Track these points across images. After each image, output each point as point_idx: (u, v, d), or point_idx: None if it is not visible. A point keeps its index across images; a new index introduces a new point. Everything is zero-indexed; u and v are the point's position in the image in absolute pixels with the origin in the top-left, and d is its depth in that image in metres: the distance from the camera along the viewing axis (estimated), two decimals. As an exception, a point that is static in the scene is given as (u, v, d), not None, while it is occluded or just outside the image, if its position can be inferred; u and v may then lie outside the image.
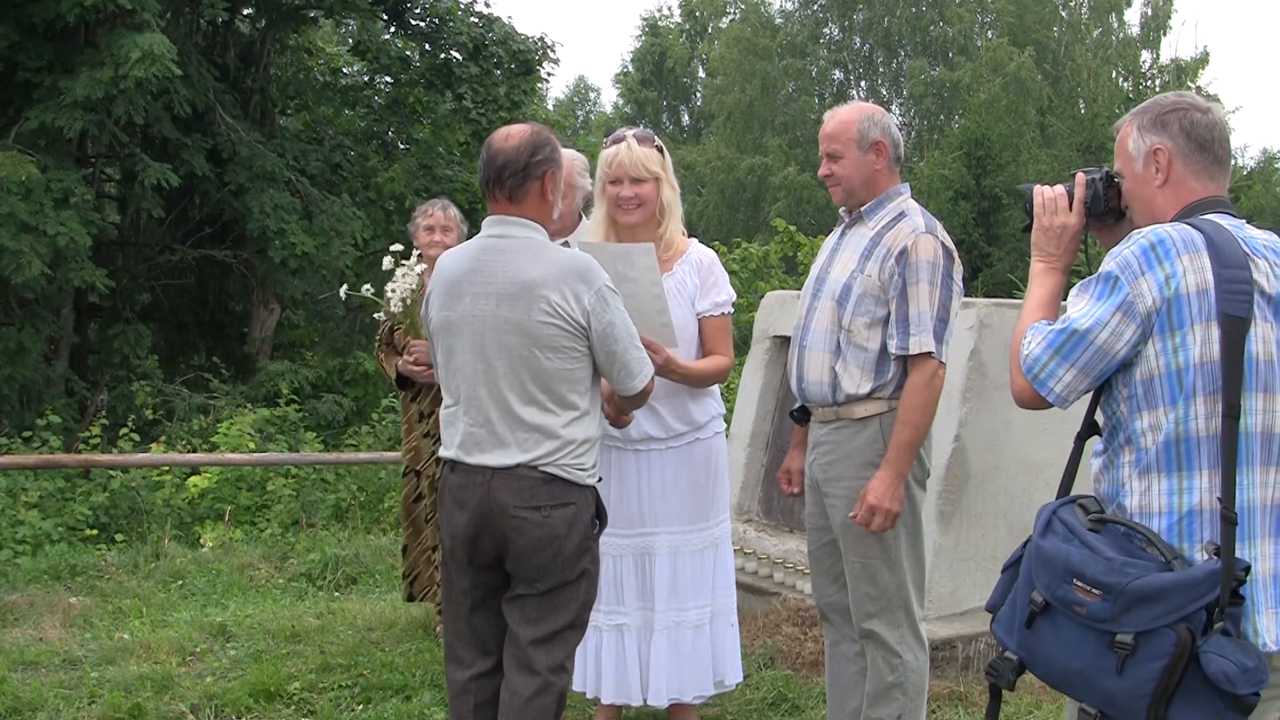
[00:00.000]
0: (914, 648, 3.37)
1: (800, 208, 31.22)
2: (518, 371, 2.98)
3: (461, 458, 3.04)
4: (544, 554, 3.00)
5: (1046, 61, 32.97)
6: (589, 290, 2.99)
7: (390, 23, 16.99)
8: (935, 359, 3.26)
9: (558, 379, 3.00)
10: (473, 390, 3.02)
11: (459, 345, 3.04)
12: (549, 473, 2.99)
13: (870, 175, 3.37)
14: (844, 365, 3.33)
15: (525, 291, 2.97)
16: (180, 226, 15.67)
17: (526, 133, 3.11)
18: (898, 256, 3.26)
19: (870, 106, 3.44)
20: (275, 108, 17.09)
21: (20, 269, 11.37)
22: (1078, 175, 2.40)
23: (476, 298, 3.01)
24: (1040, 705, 4.30)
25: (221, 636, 5.14)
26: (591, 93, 50.70)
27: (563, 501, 3.01)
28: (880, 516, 3.24)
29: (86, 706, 4.24)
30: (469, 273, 3.05)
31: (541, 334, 2.96)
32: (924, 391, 3.27)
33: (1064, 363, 2.20)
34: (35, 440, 10.00)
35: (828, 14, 37.48)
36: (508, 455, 2.99)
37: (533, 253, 3.02)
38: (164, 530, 7.78)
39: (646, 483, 3.76)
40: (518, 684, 3.06)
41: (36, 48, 12.70)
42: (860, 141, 3.35)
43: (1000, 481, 4.70)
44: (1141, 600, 2.01)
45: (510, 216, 3.07)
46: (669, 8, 46.78)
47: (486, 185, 3.09)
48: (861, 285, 3.30)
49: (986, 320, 4.64)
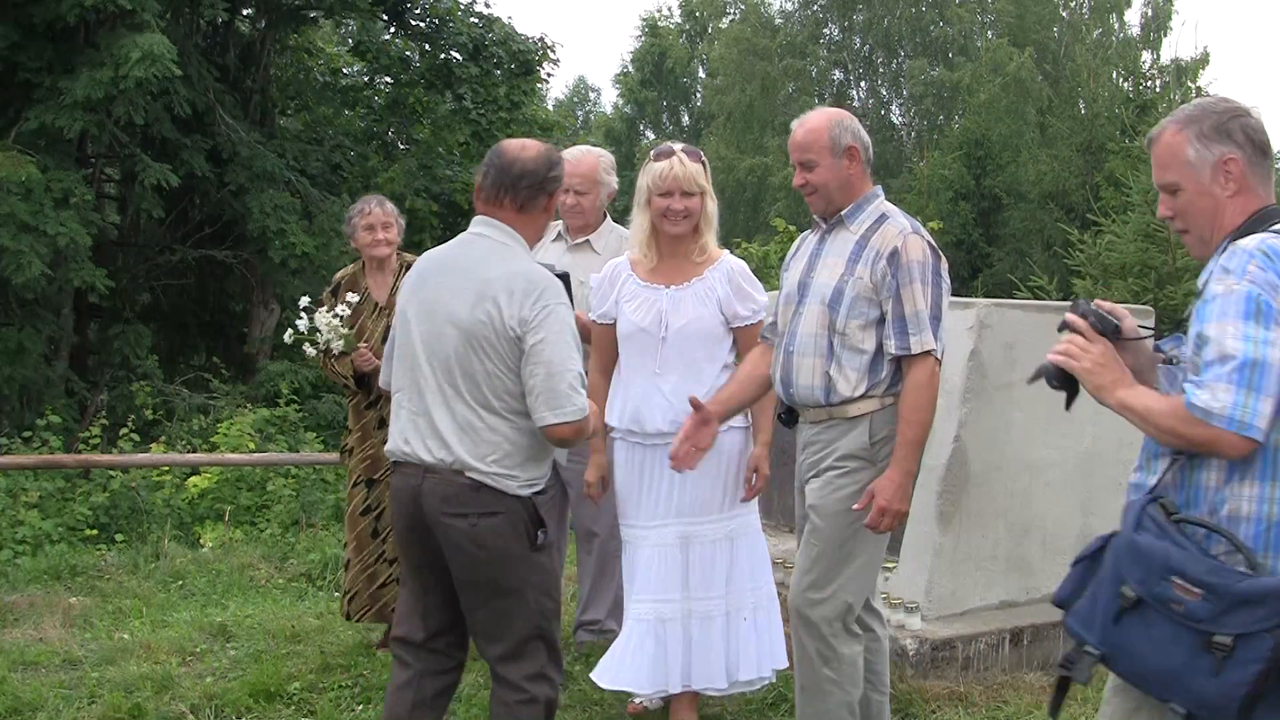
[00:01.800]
0: (848, 640, 3.38)
1: (800, 208, 31.16)
2: (451, 366, 2.97)
3: (400, 447, 3.05)
4: (474, 564, 2.98)
5: (1046, 61, 32.95)
6: (534, 305, 2.94)
7: (390, 23, 17.00)
8: (934, 356, 3.29)
9: (487, 382, 2.96)
10: (415, 378, 3.03)
11: (411, 331, 3.05)
12: (475, 480, 2.95)
13: (846, 180, 3.41)
14: (838, 368, 3.35)
15: (478, 288, 2.96)
16: (180, 227, 15.67)
17: (544, 149, 3.15)
18: (889, 258, 3.30)
19: (837, 112, 3.49)
20: (275, 108, 17.09)
21: (20, 269, 11.38)
22: (1069, 318, 2.45)
23: (439, 287, 3.03)
24: (1040, 705, 4.29)
25: (221, 636, 5.14)
26: (591, 93, 50.71)
27: (490, 511, 2.96)
28: (890, 518, 3.27)
29: (86, 706, 4.24)
30: (443, 262, 3.09)
31: (477, 333, 2.94)
32: (927, 389, 3.29)
33: (1259, 395, 2.10)
34: (35, 440, 10.00)
35: (828, 14, 37.45)
36: (436, 450, 2.97)
37: (502, 256, 3.03)
38: (164, 530, 7.78)
39: (655, 477, 3.90)
40: (502, 694, 3.09)
41: (36, 48, 12.70)
42: (833, 148, 3.39)
43: (1000, 481, 4.70)
44: (1245, 603, 2.02)
45: (498, 222, 3.08)
46: (669, 8, 46.79)
47: (496, 191, 3.08)
48: (854, 288, 3.33)
49: (986, 320, 4.64)
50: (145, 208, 13.90)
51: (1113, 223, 14.04)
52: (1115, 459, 5.02)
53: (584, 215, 4.67)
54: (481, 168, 3.17)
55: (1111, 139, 20.91)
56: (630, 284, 3.98)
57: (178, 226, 15.63)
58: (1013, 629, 4.60)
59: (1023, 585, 4.78)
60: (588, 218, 4.68)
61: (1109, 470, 5.01)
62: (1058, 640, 4.70)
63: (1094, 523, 4.96)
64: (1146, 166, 13.75)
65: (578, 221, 4.69)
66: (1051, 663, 4.67)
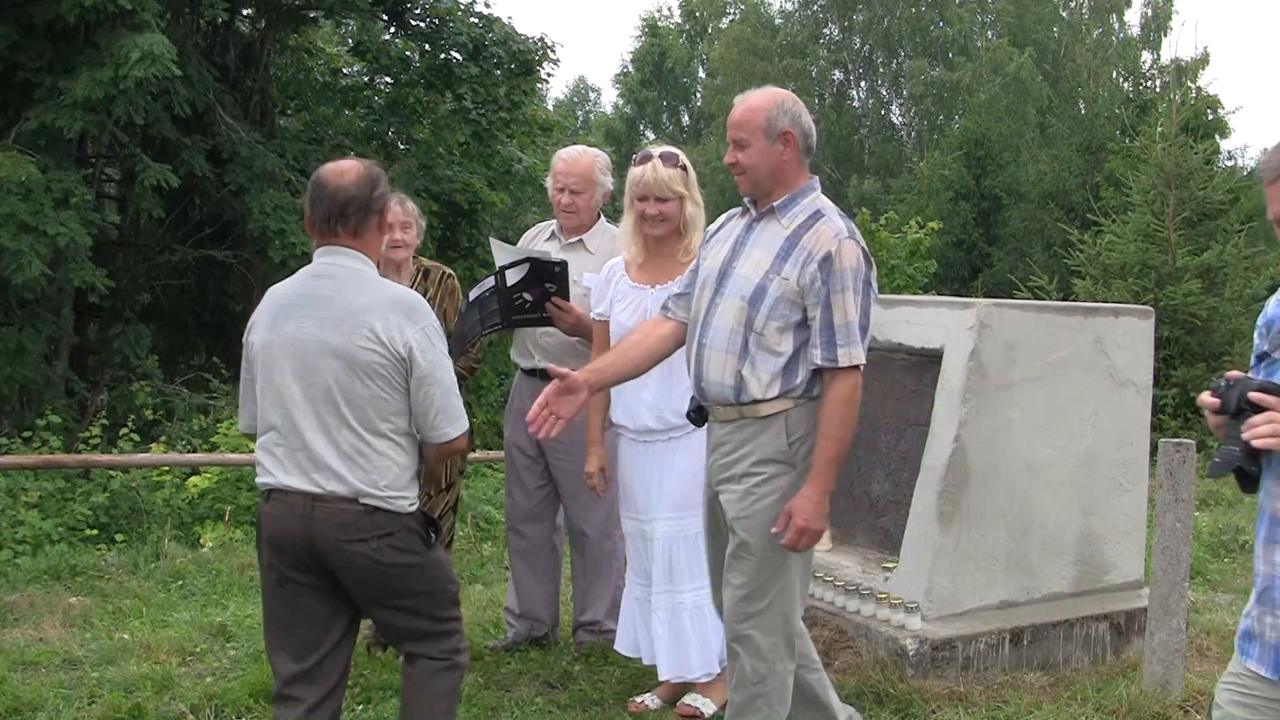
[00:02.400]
0: (784, 657, 3.29)
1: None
2: (333, 396, 2.99)
3: (278, 481, 3.05)
4: (380, 580, 3.07)
5: (1046, 61, 32.95)
6: (414, 326, 3.02)
7: (390, 23, 16.97)
8: (859, 370, 3.19)
9: (373, 406, 3.01)
10: (289, 414, 3.02)
11: (279, 369, 3.04)
12: (369, 505, 3.01)
13: (777, 166, 3.26)
14: (751, 368, 3.23)
15: (350, 317, 2.99)
16: (180, 227, 15.64)
17: (362, 169, 3.13)
18: (821, 262, 3.16)
19: (782, 93, 3.32)
20: (275, 108, 17.07)
21: (20, 269, 11.36)
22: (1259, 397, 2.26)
23: (302, 321, 3.03)
24: (1040, 705, 4.29)
25: (221, 636, 5.14)
26: (591, 93, 50.71)
27: (386, 531, 3.03)
28: (808, 538, 3.17)
29: (86, 706, 4.24)
30: (299, 297, 3.08)
31: (360, 359, 2.98)
32: (848, 405, 3.18)
33: None
34: (35, 440, 9.98)
35: (828, 14, 37.46)
36: (324, 481, 3.00)
37: (361, 283, 3.06)
38: (164, 530, 7.77)
39: (645, 472, 4.07)
40: (423, 664, 3.21)
41: (36, 48, 12.68)
42: (768, 130, 3.24)
43: (1000, 481, 4.70)
44: None
45: (345, 248, 3.09)
46: (669, 8, 46.85)
47: (326, 222, 3.08)
48: (779, 288, 3.20)
49: (986, 320, 4.64)
50: (145, 208, 13.88)
51: (1113, 223, 14.04)
52: (1115, 459, 5.03)
53: (578, 215, 4.68)
54: (306, 198, 3.16)
55: (1111, 139, 20.90)
56: (622, 284, 4.12)
57: (178, 226, 15.61)
58: (1013, 629, 4.59)
59: (1023, 585, 4.78)
60: (582, 217, 4.69)
61: (1109, 470, 5.01)
62: (1058, 640, 4.70)
63: (1094, 523, 4.97)
64: (1146, 167, 13.75)
65: (572, 221, 4.69)
66: (1051, 663, 4.67)
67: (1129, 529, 5.08)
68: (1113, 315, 5.04)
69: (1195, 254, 12.90)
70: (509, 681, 4.53)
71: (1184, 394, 12.32)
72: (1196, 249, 13.05)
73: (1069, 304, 5.46)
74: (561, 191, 4.65)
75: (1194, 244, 13.14)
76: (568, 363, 4.64)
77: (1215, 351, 12.72)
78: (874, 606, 4.58)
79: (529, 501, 4.86)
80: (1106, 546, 5.00)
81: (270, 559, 3.13)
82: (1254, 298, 13.23)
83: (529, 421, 3.32)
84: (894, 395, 5.02)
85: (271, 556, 3.12)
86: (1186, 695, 4.36)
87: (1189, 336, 12.64)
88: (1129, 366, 5.03)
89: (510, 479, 4.94)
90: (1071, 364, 4.85)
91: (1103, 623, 4.81)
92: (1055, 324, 4.85)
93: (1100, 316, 5.00)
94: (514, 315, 4.38)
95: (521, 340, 4.77)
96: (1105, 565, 4.99)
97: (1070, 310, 4.98)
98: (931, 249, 16.29)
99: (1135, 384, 5.06)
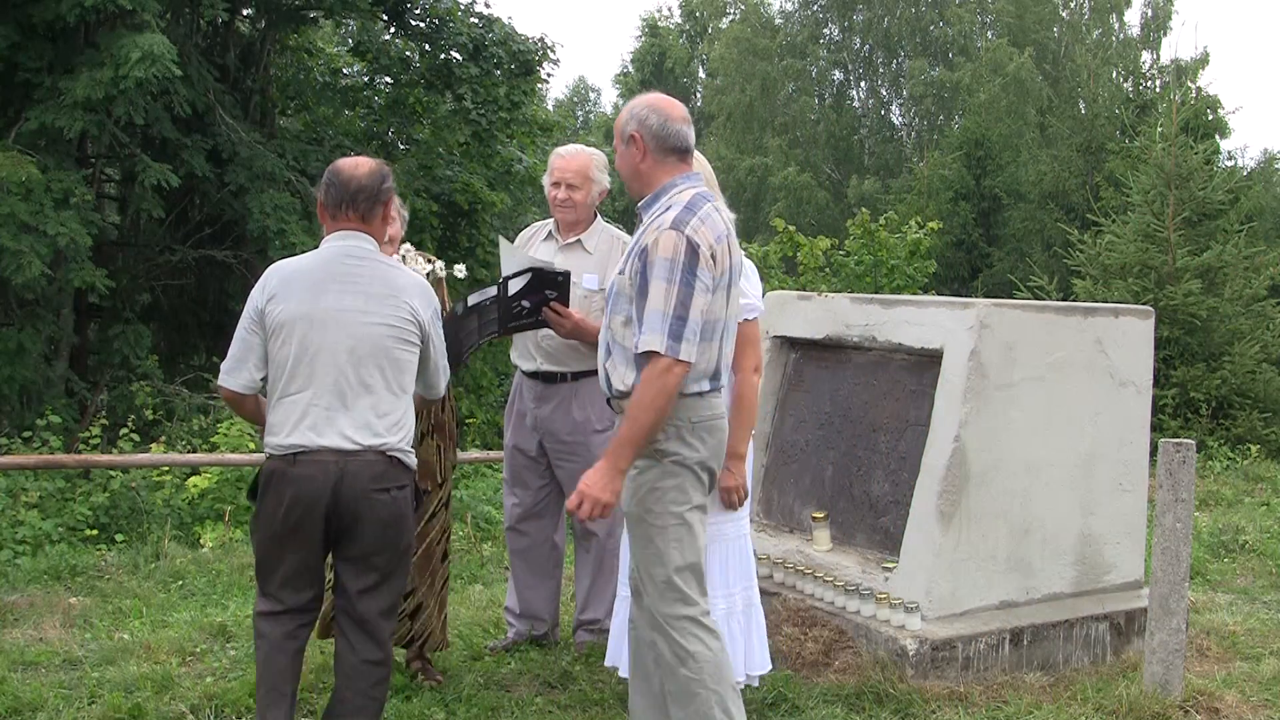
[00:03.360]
0: (701, 638, 3.34)
1: (800, 208, 31.20)
2: (378, 361, 3.41)
3: (313, 441, 3.34)
4: (387, 531, 3.41)
5: (1046, 62, 32.94)
6: (429, 307, 3.54)
7: (390, 23, 16.97)
8: (666, 356, 3.19)
9: (409, 369, 3.49)
10: (330, 379, 3.37)
11: (320, 337, 3.38)
12: (394, 457, 3.41)
13: (633, 168, 3.40)
14: (613, 364, 3.39)
15: (394, 294, 3.45)
16: (180, 227, 15.64)
17: (372, 163, 3.56)
18: (639, 254, 3.28)
19: (640, 100, 3.44)
20: (275, 108, 17.07)
21: (20, 269, 11.35)
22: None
23: (343, 294, 3.40)
24: (1040, 705, 4.30)
25: (221, 636, 5.14)
26: (591, 93, 50.69)
27: (401, 484, 3.44)
28: (588, 505, 3.26)
29: (86, 706, 4.24)
30: (334, 273, 3.44)
31: (402, 328, 3.45)
32: (649, 387, 3.22)
33: None
34: (35, 440, 9.98)
35: (827, 14, 37.44)
36: (363, 437, 3.36)
37: (391, 264, 3.54)
38: (164, 530, 7.77)
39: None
40: (366, 652, 3.47)
41: (36, 48, 12.68)
42: (621, 135, 3.40)
43: (1000, 481, 4.70)
44: None
45: (356, 232, 3.49)
46: (669, 8, 46.83)
47: (339, 206, 3.48)
48: (618, 284, 3.37)
49: (986, 320, 4.64)
50: (145, 208, 13.88)
51: (1113, 223, 14.04)
52: (1115, 459, 5.03)
53: (575, 210, 4.67)
54: (321, 185, 3.56)
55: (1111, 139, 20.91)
56: None
57: (178, 226, 15.61)
58: (1013, 629, 4.60)
59: (1023, 585, 4.78)
60: (579, 213, 4.69)
61: (1109, 470, 5.01)
62: (1058, 640, 4.70)
63: (1094, 523, 4.97)
64: (1146, 167, 13.75)
65: (569, 216, 4.69)
66: (1051, 663, 4.67)
67: (1129, 529, 5.08)
68: (1113, 315, 5.04)
69: (1195, 254, 12.90)
70: (509, 681, 4.53)
71: (1184, 394, 12.33)
72: (1196, 249, 13.05)
73: (1069, 304, 5.46)
74: (557, 186, 4.66)
75: (1194, 244, 13.14)
76: (569, 363, 4.65)
77: (1215, 351, 12.72)
78: (874, 606, 4.58)
79: (531, 501, 4.86)
80: (1106, 547, 5.00)
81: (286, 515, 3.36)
82: (1254, 298, 13.24)
83: (570, 511, 3.45)
84: (894, 395, 5.02)
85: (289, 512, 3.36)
86: (1186, 695, 4.36)
87: (1189, 336, 12.64)
88: (1129, 366, 5.03)
89: (511, 479, 4.94)
90: (1071, 364, 4.85)
91: (1103, 623, 4.81)
92: (1055, 324, 4.85)
93: (1100, 316, 5.00)
94: (510, 322, 4.38)
95: (523, 342, 4.77)
96: (1105, 565, 4.99)
97: (1070, 310, 4.98)
98: (931, 249, 16.27)
99: (1135, 384, 5.06)
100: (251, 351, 3.44)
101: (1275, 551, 7.25)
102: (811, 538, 5.13)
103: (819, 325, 5.36)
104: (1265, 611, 5.90)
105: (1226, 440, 11.98)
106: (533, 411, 4.76)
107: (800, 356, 5.56)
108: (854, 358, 5.25)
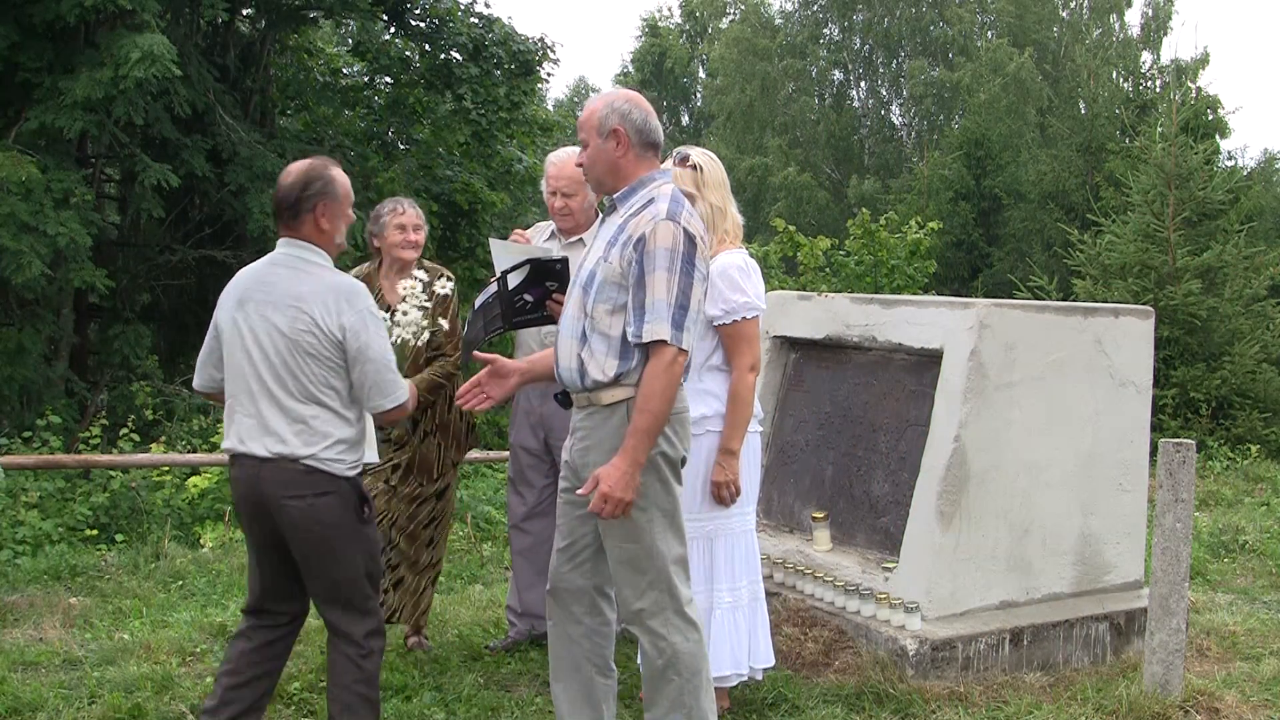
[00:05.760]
0: (682, 629, 3.39)
1: (800, 208, 31.21)
2: (280, 372, 3.43)
3: (236, 447, 3.49)
4: (312, 538, 3.44)
5: (1046, 61, 32.94)
6: (350, 310, 3.43)
7: (390, 23, 16.96)
8: (673, 346, 3.23)
9: (313, 381, 3.43)
10: (247, 386, 3.47)
11: (240, 347, 3.47)
12: (308, 465, 3.42)
13: (612, 163, 3.41)
14: (589, 352, 3.36)
15: (295, 303, 3.43)
16: (180, 227, 15.64)
17: (302, 169, 3.54)
18: (635, 244, 3.28)
19: (616, 95, 3.47)
20: (275, 108, 17.06)
21: (20, 269, 11.34)
22: None
23: (259, 304, 3.46)
24: (1040, 705, 4.29)
25: (221, 637, 5.13)
26: (592, 93, 50.69)
27: (323, 491, 3.43)
28: (612, 505, 3.25)
29: (86, 706, 4.24)
30: (257, 283, 3.51)
31: (300, 341, 3.42)
32: (660, 378, 3.24)
33: None
34: (35, 440, 9.97)
35: (828, 14, 37.44)
36: (272, 445, 3.42)
37: (306, 272, 3.48)
38: (164, 530, 7.77)
39: None
40: (345, 649, 3.52)
41: (36, 48, 12.67)
42: (600, 129, 3.40)
43: (1000, 481, 4.70)
44: None
45: (296, 240, 3.51)
46: (669, 8, 46.84)
47: (275, 215, 3.55)
48: (604, 272, 3.34)
49: (986, 320, 4.64)
50: (145, 208, 13.87)
51: (1113, 223, 14.04)
52: (1115, 459, 5.03)
53: (573, 217, 4.70)
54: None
55: (1111, 139, 20.90)
56: None
57: (178, 226, 15.60)
58: (1013, 629, 4.60)
59: (1023, 585, 4.78)
60: (576, 219, 4.71)
61: (1109, 470, 5.01)
62: (1058, 640, 4.70)
63: (1094, 523, 4.97)
64: (1146, 167, 13.76)
65: (567, 223, 4.71)
66: (1051, 663, 4.67)
67: (1129, 529, 5.08)
68: (1113, 315, 5.04)
69: (1195, 254, 12.90)
70: (509, 681, 4.54)
71: (1184, 394, 12.32)
72: (1196, 249, 13.04)
73: (1069, 304, 5.46)
74: (554, 195, 4.68)
75: (1194, 244, 13.14)
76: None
77: (1215, 351, 12.72)
78: (874, 606, 4.58)
79: (534, 499, 4.87)
80: (1106, 547, 5.00)
81: (239, 513, 3.57)
82: (1254, 298, 13.24)
83: (458, 396, 3.62)
84: (894, 395, 5.03)
85: (238, 511, 3.56)
86: (1186, 695, 4.36)
87: (1189, 336, 12.64)
88: (1129, 366, 5.03)
89: (514, 478, 4.94)
90: (1071, 364, 4.85)
91: (1103, 623, 4.81)
92: (1055, 324, 4.85)
93: (1100, 316, 4.99)
94: (515, 317, 4.37)
95: (526, 341, 4.77)
96: (1105, 565, 4.99)
97: (1070, 310, 4.98)
98: (931, 249, 16.26)
99: (1135, 384, 5.06)
100: (211, 353, 3.59)
101: (1275, 551, 7.25)
102: (811, 538, 5.13)
103: (819, 325, 5.37)
104: (1265, 611, 5.90)
105: (1226, 440, 11.98)
106: (537, 409, 4.77)
107: (800, 356, 5.56)
108: (854, 358, 5.25)
